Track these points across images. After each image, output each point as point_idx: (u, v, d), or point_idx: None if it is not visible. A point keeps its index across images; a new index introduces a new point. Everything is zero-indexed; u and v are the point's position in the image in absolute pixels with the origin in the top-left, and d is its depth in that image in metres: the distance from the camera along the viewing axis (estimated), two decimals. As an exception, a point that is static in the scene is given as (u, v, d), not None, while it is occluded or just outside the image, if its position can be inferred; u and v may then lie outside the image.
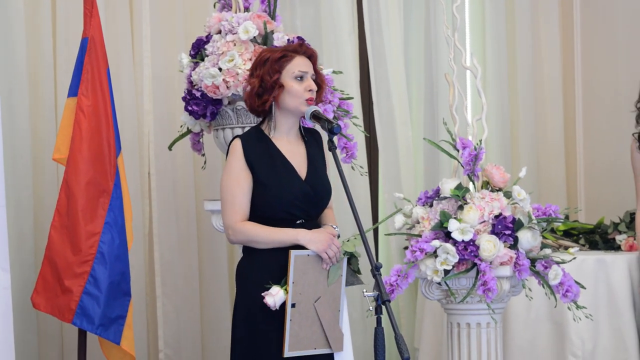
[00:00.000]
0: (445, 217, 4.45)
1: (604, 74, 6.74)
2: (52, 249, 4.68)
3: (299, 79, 3.95)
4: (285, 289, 3.82)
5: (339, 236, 3.95)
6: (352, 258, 3.95)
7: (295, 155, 3.99)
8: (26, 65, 5.22)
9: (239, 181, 3.92)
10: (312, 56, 4.01)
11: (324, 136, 4.03)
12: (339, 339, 3.90)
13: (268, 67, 3.96)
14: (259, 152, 3.94)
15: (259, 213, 3.92)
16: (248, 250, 3.97)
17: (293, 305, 3.82)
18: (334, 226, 3.96)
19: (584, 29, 6.82)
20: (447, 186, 4.57)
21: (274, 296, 3.80)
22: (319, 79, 4.01)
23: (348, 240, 3.92)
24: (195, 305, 5.66)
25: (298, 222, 3.92)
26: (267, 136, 3.98)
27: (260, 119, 4.11)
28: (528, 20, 6.73)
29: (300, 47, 4.01)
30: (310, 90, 3.94)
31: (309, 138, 4.06)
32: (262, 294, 3.82)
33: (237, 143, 3.94)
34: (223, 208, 3.94)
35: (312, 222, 3.96)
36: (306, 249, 3.87)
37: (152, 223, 5.55)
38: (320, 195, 3.97)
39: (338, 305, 3.91)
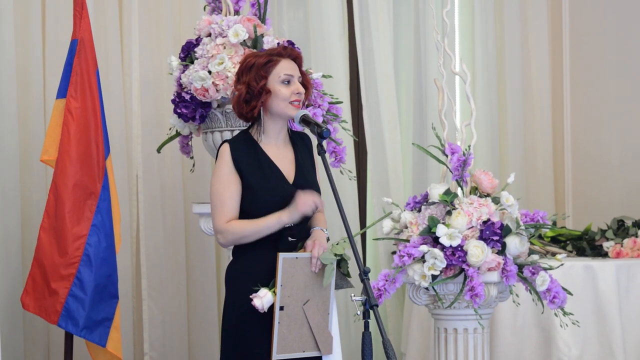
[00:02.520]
0: (433, 222, 4.45)
1: (592, 80, 6.77)
2: (40, 250, 4.67)
3: (285, 82, 3.94)
4: (274, 292, 3.81)
5: (328, 239, 3.94)
6: (341, 261, 3.95)
7: (283, 159, 3.98)
8: (15, 66, 5.21)
9: (227, 185, 3.92)
10: (297, 58, 4.00)
11: (314, 140, 4.03)
12: (328, 342, 3.90)
13: (254, 73, 3.94)
14: (247, 156, 3.94)
15: (248, 217, 3.93)
16: (237, 254, 3.97)
17: (281, 308, 3.81)
18: (324, 229, 3.96)
19: (573, 35, 6.85)
20: (436, 191, 4.57)
21: (261, 298, 3.80)
22: (304, 81, 4.00)
23: (337, 244, 3.91)
24: (182, 308, 5.65)
25: (286, 225, 3.92)
26: (255, 141, 3.98)
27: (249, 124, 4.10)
28: (517, 26, 6.75)
29: (284, 50, 3.99)
30: (298, 93, 3.93)
31: (299, 142, 4.06)
32: (250, 296, 3.82)
33: (225, 147, 3.94)
34: (212, 213, 3.95)
35: (301, 225, 3.95)
36: (294, 251, 3.87)
37: (139, 225, 5.54)
38: (308, 200, 3.97)
39: (327, 308, 3.90)
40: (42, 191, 5.23)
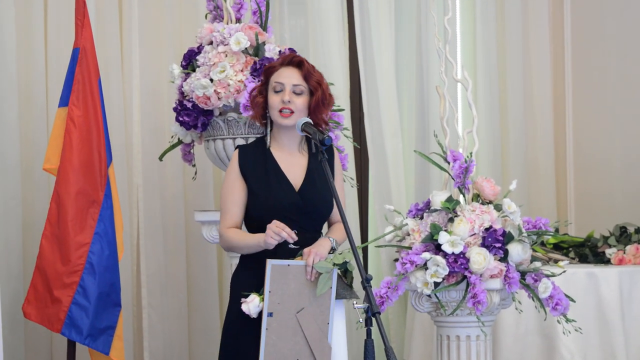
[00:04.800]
0: (435, 229, 4.45)
1: (594, 86, 6.76)
2: (43, 258, 4.67)
3: (276, 91, 3.94)
4: (262, 298, 3.81)
5: (334, 249, 3.92)
6: (347, 272, 3.93)
7: (294, 166, 3.98)
8: (17, 74, 5.22)
9: (232, 191, 3.96)
10: (300, 65, 3.98)
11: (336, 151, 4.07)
12: (326, 352, 3.85)
13: (260, 82, 4.00)
14: (255, 162, 3.95)
15: (252, 222, 3.96)
16: (241, 259, 4.00)
17: (270, 314, 3.80)
18: (331, 238, 3.93)
19: (574, 41, 6.85)
20: (438, 198, 4.57)
21: (248, 304, 3.81)
22: (310, 85, 3.96)
23: (341, 253, 3.89)
24: (182, 316, 5.64)
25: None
26: (267, 147, 3.99)
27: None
28: (518, 32, 6.75)
29: (286, 58, 4.00)
30: (288, 102, 3.91)
31: (317, 151, 4.00)
32: (241, 300, 3.83)
33: (235, 153, 3.99)
34: (220, 216, 4.00)
35: (308, 233, 3.93)
36: (289, 258, 3.86)
37: (139, 234, 5.54)
38: (313, 208, 3.94)
39: (326, 317, 3.87)
40: (44, 199, 5.23)
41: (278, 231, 3.79)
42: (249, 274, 3.91)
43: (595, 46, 6.77)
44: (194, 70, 4.80)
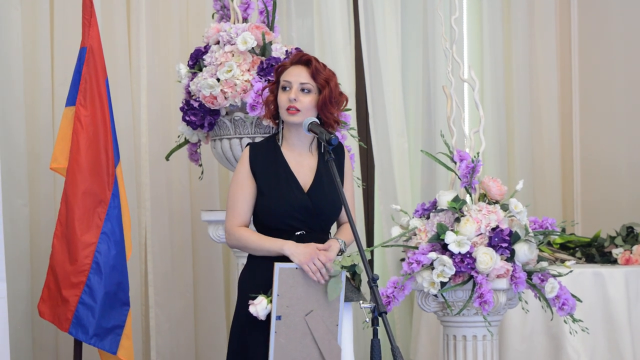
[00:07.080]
0: (442, 229, 4.45)
1: (601, 87, 6.76)
2: (54, 258, 4.69)
3: (284, 89, 3.95)
4: (270, 300, 3.80)
5: (342, 251, 3.91)
6: (355, 274, 3.93)
7: (303, 167, 3.97)
8: (23, 73, 5.22)
9: (241, 188, 3.95)
10: (308, 63, 3.98)
11: (348, 153, 4.07)
12: (335, 353, 3.85)
13: (271, 82, 4.02)
14: (265, 161, 3.95)
15: (259, 221, 3.95)
16: (249, 259, 3.99)
17: (279, 318, 3.79)
18: (340, 240, 3.93)
19: (581, 42, 6.85)
20: (444, 198, 4.57)
21: (256, 306, 3.80)
22: (318, 83, 3.96)
23: (349, 256, 3.88)
24: (189, 316, 5.65)
25: (297, 233, 3.90)
26: (278, 146, 3.99)
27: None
28: (525, 32, 6.76)
29: (295, 57, 4.00)
30: (294, 99, 3.91)
31: (324, 150, 4.00)
32: (248, 302, 3.82)
33: (246, 150, 3.99)
34: (226, 212, 4.00)
35: (316, 234, 3.93)
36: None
37: (146, 233, 5.55)
38: (321, 209, 3.93)
39: (335, 319, 3.86)
40: (50, 199, 5.24)
41: (315, 270, 3.80)
42: (257, 275, 3.90)
43: (601, 46, 6.77)
44: (200, 70, 4.81)
